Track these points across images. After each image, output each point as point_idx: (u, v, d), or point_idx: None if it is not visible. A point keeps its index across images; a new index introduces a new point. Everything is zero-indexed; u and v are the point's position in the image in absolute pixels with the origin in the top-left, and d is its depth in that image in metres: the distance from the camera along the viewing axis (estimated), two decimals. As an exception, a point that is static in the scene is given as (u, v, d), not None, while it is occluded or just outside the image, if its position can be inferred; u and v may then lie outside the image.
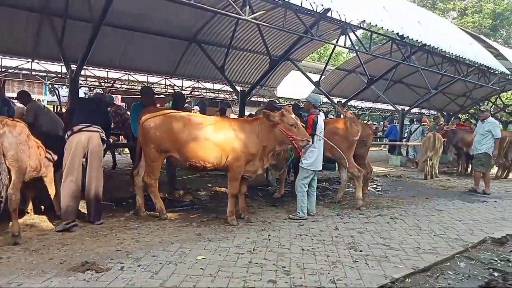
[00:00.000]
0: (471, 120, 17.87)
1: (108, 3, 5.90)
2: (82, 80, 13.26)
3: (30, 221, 4.79)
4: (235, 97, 16.05)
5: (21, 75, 13.20)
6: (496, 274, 3.88)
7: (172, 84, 15.48)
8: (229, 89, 15.43)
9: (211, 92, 17.56)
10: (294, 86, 17.09)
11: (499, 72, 11.61)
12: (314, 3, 5.94)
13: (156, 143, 5.10)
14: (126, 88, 15.84)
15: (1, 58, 11.12)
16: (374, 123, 38.04)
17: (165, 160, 5.64)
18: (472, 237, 5.02)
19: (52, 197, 4.91)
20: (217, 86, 16.19)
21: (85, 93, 17.30)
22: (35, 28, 8.37)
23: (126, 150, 10.94)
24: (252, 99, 16.09)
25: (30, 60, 10.34)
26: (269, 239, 4.54)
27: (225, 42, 10.40)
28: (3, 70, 12.02)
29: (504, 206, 7.26)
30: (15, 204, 4.00)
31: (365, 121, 33.56)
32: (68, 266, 3.46)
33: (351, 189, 7.96)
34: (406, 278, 3.66)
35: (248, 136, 5.11)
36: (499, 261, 4.28)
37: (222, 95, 18.76)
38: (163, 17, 8.82)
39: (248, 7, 5.76)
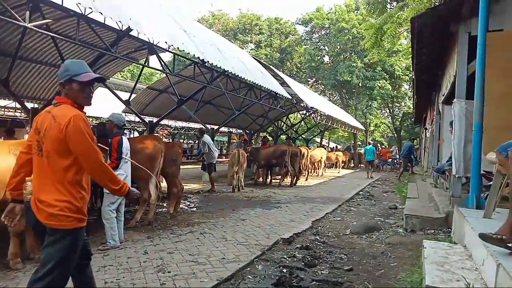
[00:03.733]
0: (269, 137, 20.79)
1: None
2: None
3: None
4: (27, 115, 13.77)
5: None
6: (285, 270, 4.51)
7: None
8: (18, 105, 13.14)
9: (-6, 109, 14.54)
10: (102, 104, 15.94)
11: (284, 97, 13.97)
12: (111, 19, 5.74)
13: None
14: None
15: None
16: (190, 141, 39.47)
17: None
18: (268, 241, 5.72)
19: None
20: (2, 102, 13.52)
21: None
22: None
23: None
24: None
25: None
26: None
27: (10, 50, 8.83)
28: None
29: (293, 209, 8.63)
30: None
31: (180, 140, 34.39)
32: None
33: (164, 208, 7.92)
34: (212, 291, 3.83)
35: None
36: (287, 258, 5.00)
37: (11, 113, 15.76)
38: None
39: (28, 12, 5.05)
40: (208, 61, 8.23)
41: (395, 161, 26.85)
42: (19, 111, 14.62)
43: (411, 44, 8.21)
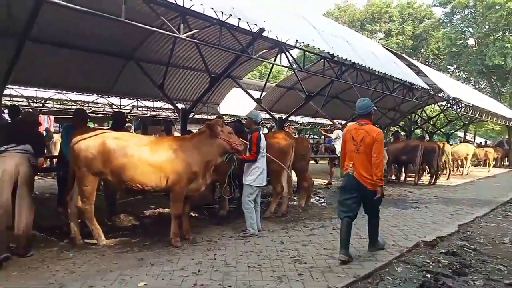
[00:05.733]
0: (401, 132, 19.33)
1: (32, 18, 5.56)
2: (7, 100, 12.27)
3: None
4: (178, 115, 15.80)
5: None
6: (428, 275, 4.15)
7: (110, 103, 14.85)
8: (171, 107, 15.17)
9: (152, 110, 17.12)
10: (236, 102, 17.28)
11: (421, 87, 12.75)
12: (248, 22, 6.12)
13: (88, 165, 4.81)
14: (59, 108, 14.88)
15: None
16: (316, 137, 39.63)
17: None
18: (407, 242, 5.35)
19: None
20: (158, 104, 15.84)
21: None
22: None
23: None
24: (196, 116, 15.96)
25: None
26: (215, 259, 4.45)
27: (164, 59, 10.27)
28: None
29: (434, 210, 7.86)
30: None
31: (306, 136, 34.75)
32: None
33: (295, 202, 8.14)
34: (349, 287, 3.78)
35: (189, 154, 5.03)
36: (431, 263, 4.59)
37: (164, 113, 18.38)
38: (99, 34, 8.47)
39: (182, 25, 5.75)
40: (337, 55, 8.09)
41: None
42: (171, 111, 16.96)
43: None
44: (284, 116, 12.40)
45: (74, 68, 9.67)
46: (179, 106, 11.16)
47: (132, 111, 16.09)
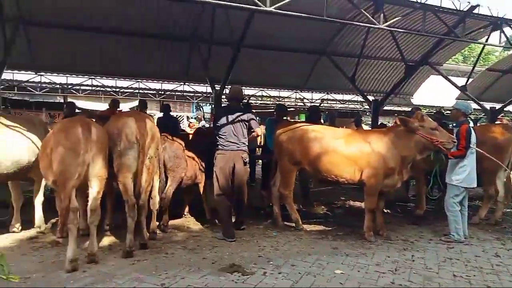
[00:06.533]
0: None
1: (246, 27, 6.46)
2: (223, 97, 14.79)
3: (186, 223, 5.49)
4: (367, 107, 15.52)
5: (175, 96, 15.45)
6: None
7: (302, 97, 15.85)
8: (360, 99, 15.01)
9: (341, 103, 17.35)
10: (434, 92, 15.58)
11: None
12: (458, 0, 5.36)
13: (289, 155, 5.27)
14: (260, 103, 16.90)
15: (161, 82, 13.26)
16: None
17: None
18: None
19: (204, 203, 5.58)
20: (347, 97, 15.92)
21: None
22: (186, 55, 9.70)
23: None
24: (386, 108, 15.28)
25: (182, 83, 12.15)
26: (413, 260, 4.18)
27: (355, 51, 10.21)
28: (161, 92, 14.42)
29: None
30: (166, 205, 4.96)
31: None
32: (219, 266, 3.82)
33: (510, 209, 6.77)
34: None
35: (385, 149, 4.85)
36: None
37: (352, 106, 18.34)
38: (294, 33, 9.14)
39: (382, 15, 5.51)
40: None
41: None
42: (359, 103, 16.79)
43: None
44: (497, 106, 10.43)
45: (274, 68, 10.74)
46: (370, 98, 10.93)
47: (322, 104, 16.71)
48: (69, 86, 13.49)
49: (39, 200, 4.83)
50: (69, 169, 3.52)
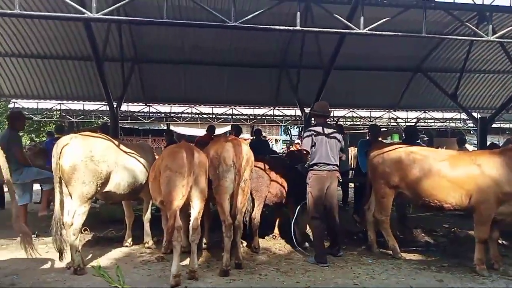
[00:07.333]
0: None
1: (336, 50, 6.48)
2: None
3: (278, 245, 5.54)
4: (471, 125, 14.12)
5: (265, 120, 16.00)
6: None
7: (395, 117, 15.07)
8: (462, 117, 13.72)
9: (441, 122, 16.01)
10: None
11: None
12: None
13: (385, 179, 5.02)
14: (350, 125, 16.52)
15: (252, 108, 13.94)
16: None
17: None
18: None
19: (292, 227, 5.57)
20: (447, 115, 14.67)
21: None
22: (276, 80, 10.06)
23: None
24: (494, 125, 13.67)
25: (272, 107, 12.61)
26: (538, 301, 3.60)
27: (456, 66, 9.46)
28: (251, 117, 15.11)
29: None
30: (256, 226, 5.09)
31: None
32: (312, 292, 3.77)
33: None
34: None
35: (499, 171, 4.33)
36: None
37: (453, 124, 16.79)
38: (387, 52, 8.84)
39: (490, 26, 5.01)
40: None
41: None
42: (461, 121, 15.28)
43: None
44: None
45: (365, 88, 10.47)
46: (475, 115, 9.92)
47: (418, 124, 15.64)
48: (172, 115, 14.95)
49: (147, 218, 5.36)
50: (175, 191, 3.87)
